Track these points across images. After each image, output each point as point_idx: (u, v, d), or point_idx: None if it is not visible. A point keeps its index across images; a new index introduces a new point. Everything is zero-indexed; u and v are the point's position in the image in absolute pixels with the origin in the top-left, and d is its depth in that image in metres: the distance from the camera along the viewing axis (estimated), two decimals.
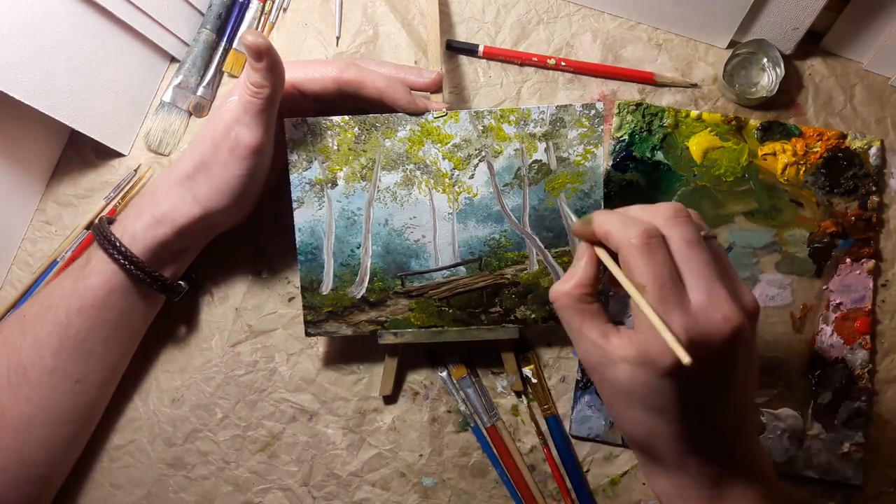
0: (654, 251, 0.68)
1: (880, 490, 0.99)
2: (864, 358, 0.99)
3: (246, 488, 1.02)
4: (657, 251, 0.68)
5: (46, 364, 0.90)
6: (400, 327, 0.95)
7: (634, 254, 0.68)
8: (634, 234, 0.68)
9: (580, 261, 0.75)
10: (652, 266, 0.67)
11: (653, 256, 0.68)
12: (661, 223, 0.70)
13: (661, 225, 0.70)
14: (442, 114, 0.91)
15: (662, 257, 0.68)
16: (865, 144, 1.01)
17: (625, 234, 0.69)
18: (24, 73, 0.88)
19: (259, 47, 0.79)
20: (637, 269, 0.68)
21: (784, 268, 1.01)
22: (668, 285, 0.67)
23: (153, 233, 0.89)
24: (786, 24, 1.00)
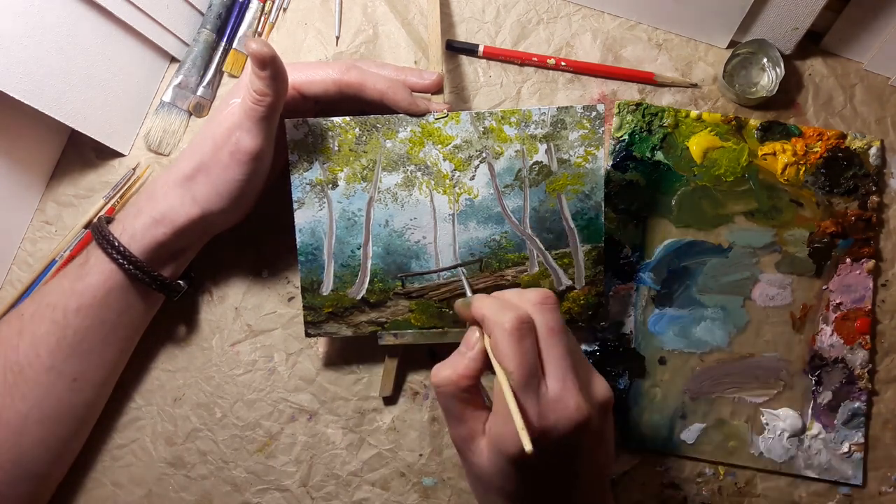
0: (523, 338, 0.72)
1: (880, 490, 0.99)
2: (864, 358, 0.99)
3: (244, 488, 1.02)
4: (526, 338, 0.72)
5: (44, 363, 0.89)
6: (400, 328, 0.95)
7: (505, 339, 0.72)
8: (507, 319, 0.72)
9: (470, 351, 0.77)
10: (519, 353, 0.71)
11: (521, 343, 0.72)
12: (530, 308, 0.74)
13: (531, 310, 0.74)
14: (443, 115, 0.91)
15: (530, 345, 0.72)
16: (865, 144, 1.01)
17: (498, 318, 0.73)
18: (24, 73, 0.88)
19: (263, 56, 0.79)
20: (506, 355, 0.72)
21: (784, 268, 1.01)
22: (530, 373, 0.71)
23: (152, 233, 0.89)
24: (786, 24, 1.00)
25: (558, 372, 0.72)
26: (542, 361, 0.73)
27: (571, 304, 0.94)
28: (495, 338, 0.72)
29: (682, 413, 1.00)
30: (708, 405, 1.00)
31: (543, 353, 0.73)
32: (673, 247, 1.01)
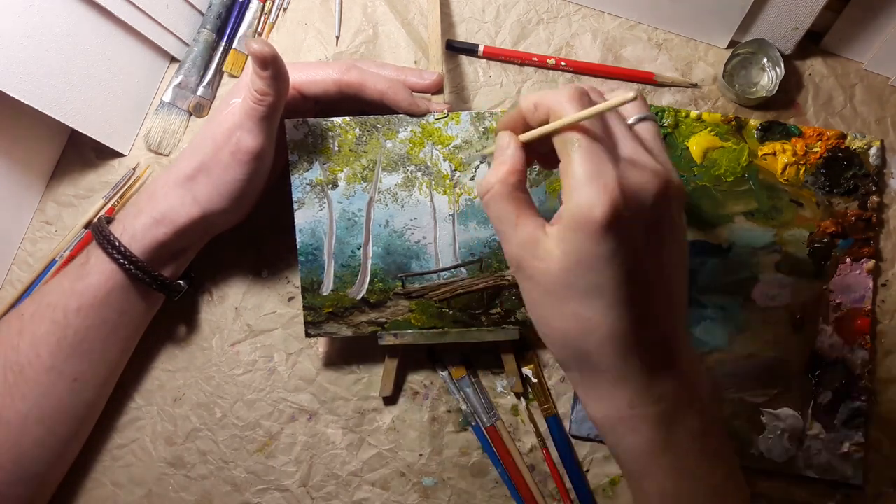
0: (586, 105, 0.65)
1: (880, 490, 0.99)
2: (864, 358, 0.99)
3: (244, 488, 1.02)
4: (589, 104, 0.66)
5: (44, 363, 0.90)
6: (400, 328, 0.95)
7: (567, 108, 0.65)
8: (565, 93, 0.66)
9: (507, 148, 0.72)
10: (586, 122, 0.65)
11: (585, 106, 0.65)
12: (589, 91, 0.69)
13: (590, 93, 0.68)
14: (443, 115, 0.91)
15: None
16: (865, 144, 1.01)
17: (556, 96, 0.67)
18: (24, 73, 0.88)
19: (265, 56, 0.79)
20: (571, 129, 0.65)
21: (784, 268, 1.01)
22: (599, 136, 0.65)
23: (152, 233, 0.89)
24: (786, 24, 1.00)
25: (628, 141, 0.67)
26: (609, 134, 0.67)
27: None
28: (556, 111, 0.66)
29: None
30: None
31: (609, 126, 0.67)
32: None
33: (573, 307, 0.67)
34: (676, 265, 0.70)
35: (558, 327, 0.69)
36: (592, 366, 0.69)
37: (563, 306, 0.68)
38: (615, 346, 0.67)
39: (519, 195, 0.70)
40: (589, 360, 0.69)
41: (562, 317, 0.68)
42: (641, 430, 0.70)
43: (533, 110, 0.69)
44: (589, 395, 0.72)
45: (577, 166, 0.64)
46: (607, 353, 0.68)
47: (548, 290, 0.68)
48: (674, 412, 0.70)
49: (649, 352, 0.68)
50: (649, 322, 0.68)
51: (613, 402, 0.70)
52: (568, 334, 0.69)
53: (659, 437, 0.70)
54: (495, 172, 0.70)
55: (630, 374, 0.68)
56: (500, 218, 0.70)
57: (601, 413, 0.72)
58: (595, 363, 0.69)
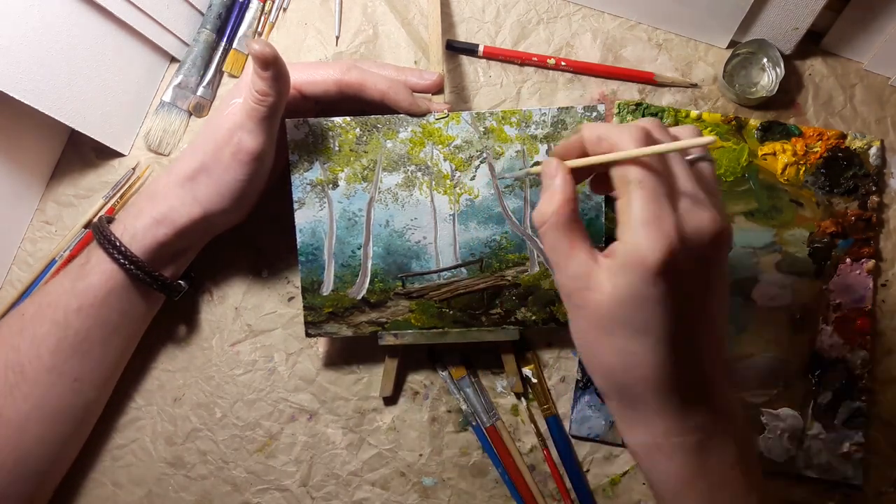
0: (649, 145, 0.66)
1: (880, 490, 0.99)
2: (864, 358, 0.99)
3: (244, 488, 1.02)
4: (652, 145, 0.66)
5: (44, 362, 0.90)
6: (400, 328, 0.95)
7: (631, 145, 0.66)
8: (631, 131, 0.67)
9: (556, 178, 0.72)
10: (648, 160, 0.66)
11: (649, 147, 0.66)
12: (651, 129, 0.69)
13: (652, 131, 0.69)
14: (443, 115, 0.91)
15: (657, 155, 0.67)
16: (865, 144, 1.01)
17: (620, 133, 0.67)
18: (24, 73, 0.88)
19: (266, 56, 0.79)
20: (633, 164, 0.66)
21: (784, 268, 1.01)
22: (661, 176, 0.66)
23: (153, 233, 0.89)
24: (786, 24, 1.00)
25: (689, 185, 0.68)
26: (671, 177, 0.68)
27: None
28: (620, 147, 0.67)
29: None
30: None
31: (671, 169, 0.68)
32: None
33: (620, 341, 0.68)
34: (721, 307, 0.71)
35: (603, 359, 0.71)
36: (632, 397, 0.71)
37: (610, 339, 0.69)
38: (657, 382, 0.69)
39: (573, 225, 0.70)
40: (630, 391, 0.71)
41: (608, 349, 0.70)
42: (676, 457, 0.71)
43: (596, 142, 0.70)
44: (626, 424, 0.74)
45: (637, 207, 0.65)
46: (648, 388, 0.69)
47: (596, 321, 0.69)
48: (709, 441, 0.71)
49: (689, 388, 0.70)
50: (691, 361, 0.70)
51: (650, 431, 0.71)
52: (612, 366, 0.70)
53: (693, 465, 0.71)
54: (550, 203, 0.71)
55: (668, 407, 0.70)
56: (555, 248, 0.71)
57: (638, 440, 0.73)
58: (635, 395, 0.71)
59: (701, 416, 0.70)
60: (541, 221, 0.71)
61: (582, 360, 0.74)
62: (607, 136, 0.68)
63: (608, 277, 0.67)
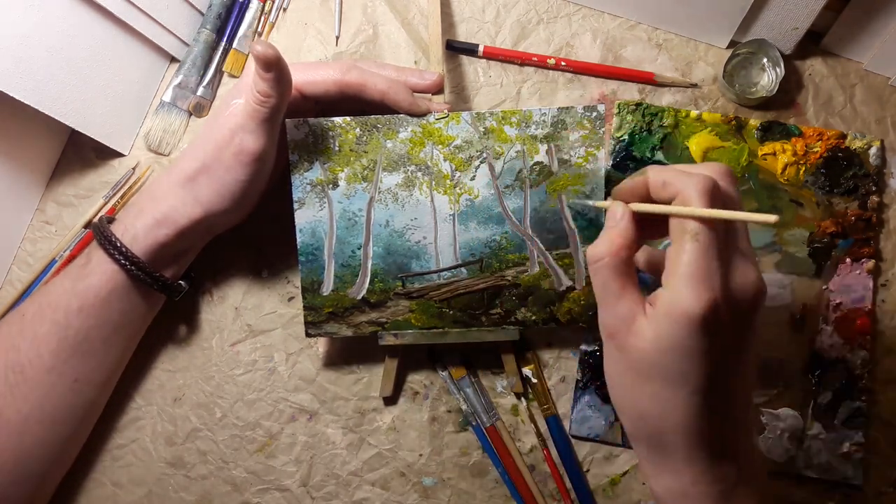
0: (714, 200, 0.66)
1: (880, 490, 0.99)
2: (864, 358, 0.99)
3: (244, 488, 1.02)
4: (716, 200, 0.67)
5: (45, 363, 0.90)
6: (400, 328, 0.95)
7: (698, 199, 0.66)
8: (697, 180, 0.67)
9: (621, 220, 0.73)
10: None
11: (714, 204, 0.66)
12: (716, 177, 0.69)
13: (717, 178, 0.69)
14: (443, 115, 0.91)
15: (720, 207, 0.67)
16: (865, 144, 1.01)
17: (686, 181, 0.67)
18: (24, 73, 0.88)
19: (268, 58, 0.79)
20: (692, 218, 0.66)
21: (784, 268, 1.01)
22: (719, 234, 0.66)
23: (154, 234, 0.89)
24: (786, 24, 1.00)
25: (745, 243, 0.69)
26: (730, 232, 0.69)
27: (572, 304, 0.94)
28: (685, 197, 0.67)
29: None
30: None
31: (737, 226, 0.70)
32: None
33: (656, 388, 0.70)
34: (750, 363, 0.72)
35: (636, 403, 0.72)
36: (662, 444, 0.72)
37: (646, 385, 0.70)
38: (688, 431, 0.70)
39: (626, 269, 0.72)
40: (660, 439, 0.72)
41: (643, 394, 0.71)
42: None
43: (660, 187, 0.70)
44: (654, 470, 0.75)
45: (688, 259, 0.65)
46: (679, 436, 0.70)
47: (634, 366, 0.70)
48: (733, 491, 0.72)
49: (718, 439, 0.71)
50: (723, 413, 0.70)
51: (678, 479, 0.72)
52: (645, 412, 0.71)
53: None
54: (608, 243, 0.72)
55: (697, 456, 0.71)
56: (605, 287, 0.72)
57: (663, 487, 0.74)
58: (665, 442, 0.72)
59: (727, 466, 0.72)
60: (596, 258, 0.72)
61: (613, 403, 0.75)
62: (672, 182, 0.69)
63: (651, 324, 0.68)
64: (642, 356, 0.69)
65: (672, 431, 0.70)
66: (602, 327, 0.73)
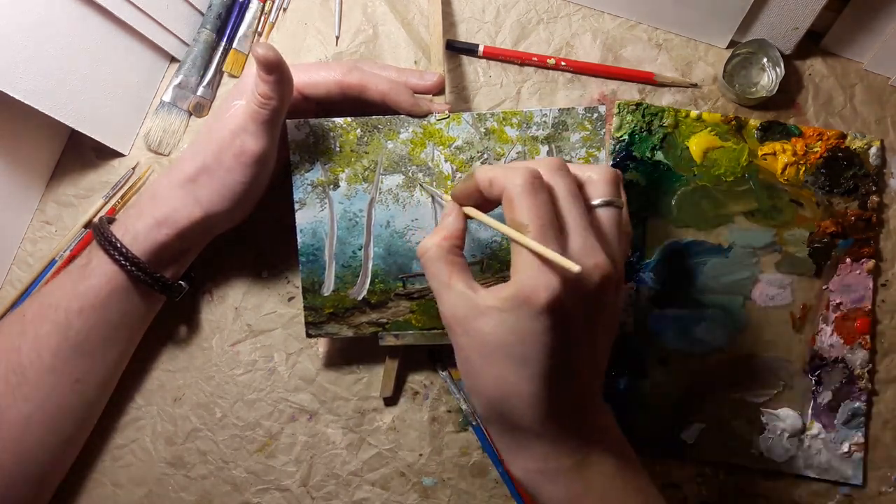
0: (537, 191, 0.69)
1: (880, 490, 0.99)
2: (864, 358, 0.99)
3: (244, 488, 1.02)
4: (540, 192, 0.69)
5: (45, 363, 0.89)
6: (401, 329, 0.95)
7: (518, 193, 0.69)
8: (520, 176, 0.69)
9: (448, 216, 0.78)
10: (535, 206, 0.68)
11: (537, 196, 0.68)
12: (545, 172, 0.72)
13: (546, 174, 0.71)
14: (444, 116, 0.91)
15: (545, 198, 0.69)
16: (865, 144, 1.02)
17: (510, 177, 0.70)
18: (24, 73, 0.88)
19: (270, 60, 0.79)
20: (520, 209, 0.68)
21: (784, 268, 1.01)
22: (548, 224, 0.68)
23: (154, 234, 0.89)
24: (786, 24, 1.00)
25: (579, 229, 0.70)
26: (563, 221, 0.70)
27: None
28: (508, 195, 0.69)
29: (682, 413, 1.00)
30: (708, 405, 1.00)
31: (564, 213, 0.71)
32: (673, 247, 1.01)
33: (498, 370, 0.71)
34: (604, 342, 0.76)
35: (484, 386, 0.73)
36: (511, 425, 0.74)
37: (490, 367, 0.72)
38: (532, 411, 0.72)
39: (451, 258, 0.75)
40: (508, 419, 0.74)
41: (487, 377, 0.72)
42: (558, 480, 0.74)
43: (488, 186, 0.73)
44: (508, 451, 0.77)
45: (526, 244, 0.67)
46: (525, 416, 0.72)
47: (477, 349, 0.72)
48: (587, 460, 0.74)
49: (565, 415, 0.73)
50: (567, 392, 0.73)
51: (531, 457, 0.75)
52: (491, 394, 0.73)
53: (576, 485, 0.74)
54: (433, 237, 0.76)
55: (545, 434, 0.73)
56: (435, 277, 0.75)
57: (521, 468, 0.76)
58: (515, 423, 0.73)
59: (577, 438, 0.74)
60: (422, 252, 0.76)
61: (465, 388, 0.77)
62: (496, 180, 0.71)
63: (492, 315, 0.70)
64: (484, 339, 0.71)
65: (516, 412, 0.72)
66: (443, 319, 0.75)
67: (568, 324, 0.69)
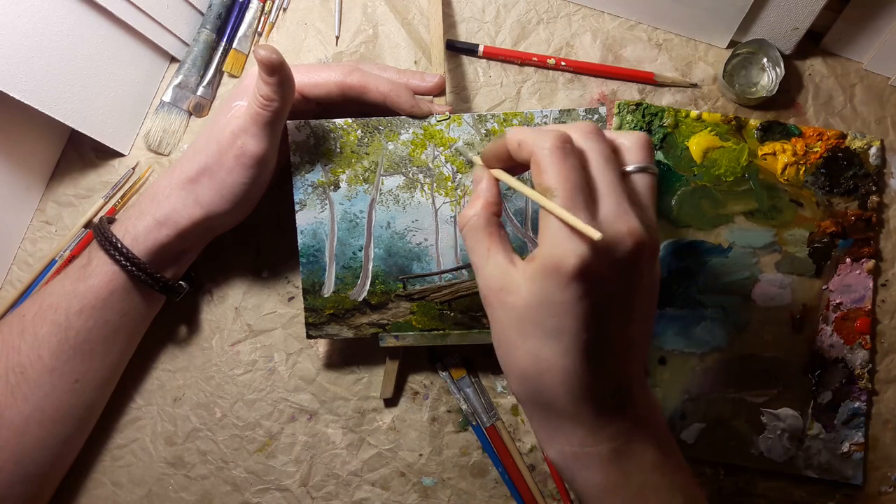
0: (567, 155, 0.67)
1: (880, 490, 0.99)
2: (864, 358, 0.99)
3: (244, 488, 1.02)
4: (570, 156, 0.67)
5: (45, 364, 0.90)
6: (401, 330, 0.95)
7: (547, 156, 0.67)
8: (549, 139, 0.67)
9: (481, 183, 0.75)
10: (564, 169, 0.66)
11: (566, 160, 0.67)
12: (577, 137, 0.70)
13: (577, 138, 0.70)
14: (445, 117, 0.91)
15: (575, 163, 0.67)
16: (865, 144, 1.02)
17: (539, 140, 0.68)
18: (24, 73, 0.88)
19: (272, 62, 0.79)
20: (548, 172, 0.67)
21: (784, 268, 1.01)
22: (577, 189, 0.66)
23: (155, 235, 0.89)
24: (786, 24, 1.00)
25: (611, 196, 0.68)
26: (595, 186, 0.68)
27: None
28: (536, 158, 0.67)
29: (682, 413, 1.00)
30: (708, 405, 1.00)
31: (596, 178, 0.68)
32: (673, 247, 1.01)
33: (532, 344, 0.69)
34: (643, 316, 0.72)
35: (517, 362, 0.71)
36: (546, 404, 0.71)
37: (524, 342, 0.69)
38: (568, 388, 0.69)
39: (491, 229, 0.73)
40: (543, 398, 0.71)
41: (521, 352, 0.70)
42: (595, 467, 0.71)
43: (516, 148, 0.70)
44: (542, 433, 0.74)
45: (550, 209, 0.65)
46: (560, 394, 0.69)
47: (512, 323, 0.70)
48: (627, 449, 0.71)
49: (603, 396, 0.70)
50: (605, 370, 0.69)
51: (567, 440, 0.72)
52: (525, 371, 0.70)
53: (613, 473, 0.71)
54: (472, 206, 0.74)
55: (582, 415, 0.70)
56: (474, 248, 0.73)
57: (555, 451, 0.73)
58: (548, 402, 0.71)
59: (617, 423, 0.71)
60: (463, 222, 0.74)
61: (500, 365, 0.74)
62: (525, 141, 0.69)
63: (526, 281, 0.68)
64: (518, 313, 0.69)
65: (552, 389, 0.69)
66: (480, 291, 0.73)
67: (601, 293, 0.67)
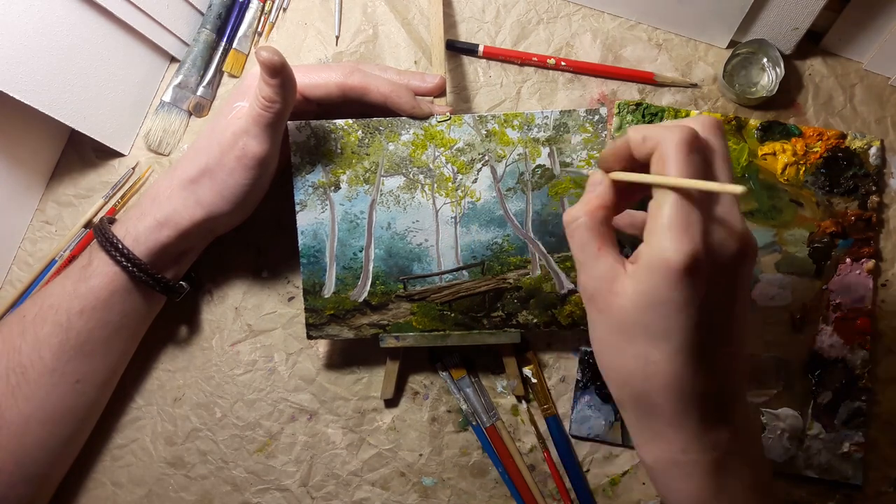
0: (694, 150, 0.65)
1: (880, 490, 0.99)
2: (864, 358, 0.99)
3: (244, 488, 1.02)
4: (697, 151, 0.65)
5: (46, 364, 0.90)
6: (402, 331, 0.95)
7: (674, 149, 0.65)
8: (677, 132, 0.65)
9: (598, 185, 0.72)
10: (690, 163, 0.64)
11: (693, 154, 0.65)
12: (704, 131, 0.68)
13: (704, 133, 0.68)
14: (445, 118, 0.91)
15: (700, 158, 0.65)
16: (865, 144, 1.01)
17: (665, 133, 0.66)
18: (24, 73, 0.88)
19: (274, 64, 0.79)
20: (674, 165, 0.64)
21: (784, 268, 1.01)
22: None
23: (156, 235, 0.89)
24: (786, 24, 1.00)
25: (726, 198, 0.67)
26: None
27: (573, 307, 0.94)
28: (662, 150, 0.65)
29: None
30: None
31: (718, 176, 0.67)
32: None
33: (639, 347, 0.67)
34: (743, 323, 0.70)
35: (621, 365, 0.70)
36: (649, 408, 0.70)
37: (630, 345, 0.68)
38: (675, 391, 0.67)
39: (603, 229, 0.70)
40: (646, 402, 0.69)
41: (626, 355, 0.69)
42: (693, 476, 0.70)
43: (640, 142, 0.68)
44: (642, 438, 0.73)
45: (667, 211, 0.64)
46: (666, 398, 0.68)
47: (617, 326, 0.68)
48: (726, 462, 0.70)
49: (707, 401, 0.68)
50: (711, 373, 0.68)
51: (667, 446, 0.70)
52: (630, 374, 0.69)
53: (711, 486, 0.70)
54: (585, 204, 0.71)
55: (686, 420, 0.69)
56: (583, 248, 0.71)
57: (653, 456, 0.72)
58: (652, 406, 0.69)
59: (720, 433, 0.69)
60: (571, 219, 0.71)
61: (600, 370, 0.72)
62: (651, 136, 0.67)
63: (631, 282, 0.66)
64: (624, 315, 0.67)
65: (657, 393, 0.68)
66: (582, 291, 0.71)
67: (709, 295, 0.65)
